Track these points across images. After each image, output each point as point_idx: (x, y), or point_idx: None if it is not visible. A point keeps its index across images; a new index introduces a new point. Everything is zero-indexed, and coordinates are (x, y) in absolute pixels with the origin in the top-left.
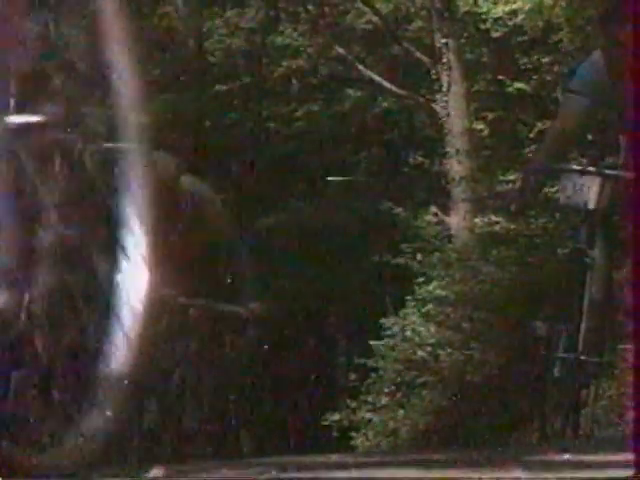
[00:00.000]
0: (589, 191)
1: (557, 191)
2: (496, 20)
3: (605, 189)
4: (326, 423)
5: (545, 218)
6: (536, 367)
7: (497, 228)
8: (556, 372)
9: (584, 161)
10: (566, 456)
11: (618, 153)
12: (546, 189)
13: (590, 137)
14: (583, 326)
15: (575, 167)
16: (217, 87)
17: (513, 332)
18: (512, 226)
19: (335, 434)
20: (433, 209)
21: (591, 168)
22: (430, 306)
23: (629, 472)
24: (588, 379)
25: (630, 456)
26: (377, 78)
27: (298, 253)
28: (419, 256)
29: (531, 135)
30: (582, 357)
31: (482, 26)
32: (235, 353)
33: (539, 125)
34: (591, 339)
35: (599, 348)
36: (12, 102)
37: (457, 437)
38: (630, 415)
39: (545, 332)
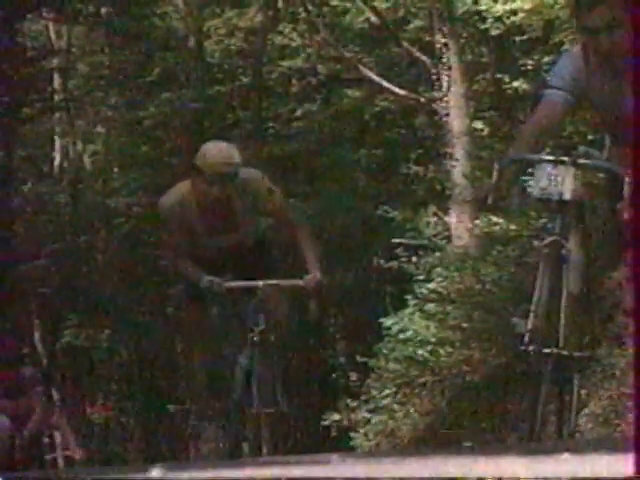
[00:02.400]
0: (564, 181)
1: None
2: (496, 19)
3: (579, 179)
4: (326, 423)
5: (545, 218)
6: (520, 364)
7: (497, 228)
8: (538, 369)
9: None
10: (565, 455)
11: (601, 149)
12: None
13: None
14: (562, 321)
15: (549, 157)
16: (217, 87)
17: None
18: (512, 226)
19: (335, 434)
20: (433, 209)
21: (565, 158)
22: (430, 305)
23: (629, 472)
24: (570, 375)
25: (630, 456)
26: (377, 78)
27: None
28: (414, 258)
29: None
30: (562, 352)
31: (482, 25)
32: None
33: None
34: (570, 334)
35: (579, 343)
36: None
37: (456, 436)
38: (630, 415)
39: (524, 328)
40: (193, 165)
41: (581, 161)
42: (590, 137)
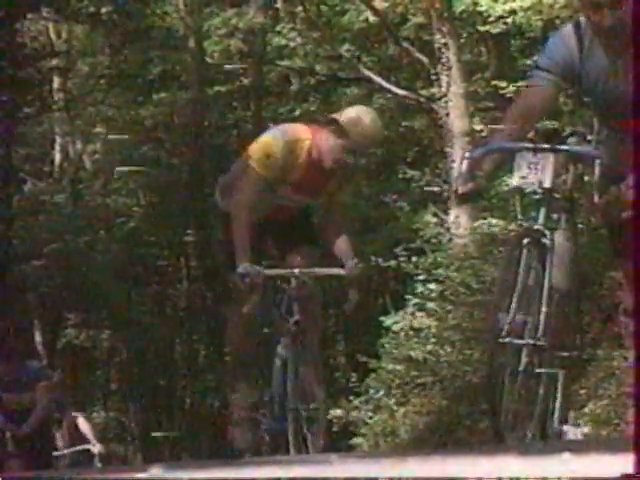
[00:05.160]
0: (544, 169)
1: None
2: (496, 19)
3: (560, 166)
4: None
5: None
6: (507, 361)
7: (496, 230)
8: (521, 366)
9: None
10: (565, 455)
11: (590, 132)
12: None
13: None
14: (543, 312)
15: (527, 145)
16: (217, 87)
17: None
18: (511, 226)
19: (335, 429)
20: (433, 209)
21: (545, 145)
22: (431, 305)
23: (629, 472)
24: (555, 371)
25: (630, 456)
26: (376, 77)
27: None
28: (414, 258)
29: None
30: (538, 343)
31: (481, 26)
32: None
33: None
34: (554, 329)
35: (563, 338)
36: None
37: (456, 436)
38: (630, 415)
39: (505, 321)
40: (334, 120)
41: (560, 147)
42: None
